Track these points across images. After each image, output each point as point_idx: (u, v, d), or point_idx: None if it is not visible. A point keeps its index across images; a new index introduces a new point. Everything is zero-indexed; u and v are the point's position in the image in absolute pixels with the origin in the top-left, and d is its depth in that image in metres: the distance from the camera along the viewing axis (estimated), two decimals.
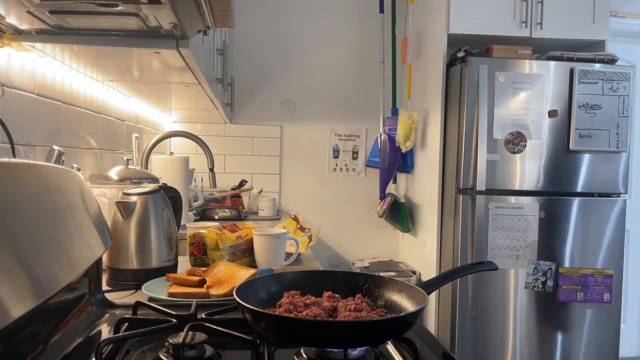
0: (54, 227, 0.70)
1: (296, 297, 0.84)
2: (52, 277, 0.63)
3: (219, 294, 1.10)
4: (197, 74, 1.52)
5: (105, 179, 1.63)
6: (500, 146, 2.52)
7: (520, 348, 2.57)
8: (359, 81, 3.41)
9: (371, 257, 3.42)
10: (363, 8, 3.36)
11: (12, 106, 1.21)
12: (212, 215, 2.56)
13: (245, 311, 0.74)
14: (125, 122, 2.32)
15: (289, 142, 3.42)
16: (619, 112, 2.52)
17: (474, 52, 2.61)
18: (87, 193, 0.93)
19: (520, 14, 2.63)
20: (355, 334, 0.71)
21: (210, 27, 1.09)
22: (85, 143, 1.75)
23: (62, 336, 0.81)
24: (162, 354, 0.76)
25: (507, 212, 2.52)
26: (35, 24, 1.06)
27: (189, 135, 2.47)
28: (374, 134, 3.38)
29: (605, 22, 2.68)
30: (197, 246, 1.40)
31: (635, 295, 3.33)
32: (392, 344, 0.86)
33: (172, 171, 2.27)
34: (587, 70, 2.52)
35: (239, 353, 0.84)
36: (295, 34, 3.35)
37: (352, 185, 3.47)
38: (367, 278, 0.92)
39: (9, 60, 1.19)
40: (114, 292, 1.17)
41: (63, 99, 1.53)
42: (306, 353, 0.77)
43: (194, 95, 2.23)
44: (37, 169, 0.74)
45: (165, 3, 0.89)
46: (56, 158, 1.24)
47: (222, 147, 3.34)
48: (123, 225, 1.24)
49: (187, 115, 3.28)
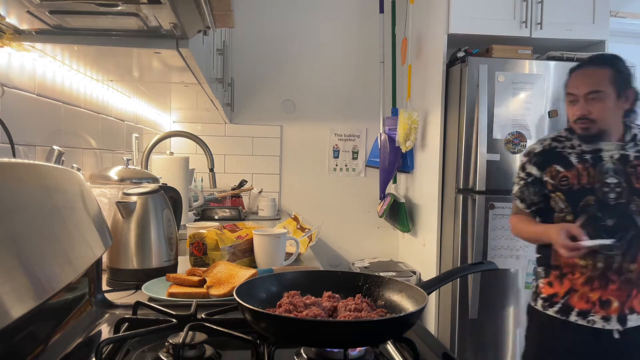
0: (54, 227, 0.70)
1: (296, 297, 0.84)
2: (52, 277, 0.63)
3: (219, 294, 1.10)
4: (197, 74, 1.52)
5: (105, 179, 1.63)
6: (500, 146, 2.52)
7: (520, 348, 2.57)
8: (359, 81, 3.41)
9: (371, 257, 3.42)
10: (363, 8, 3.36)
11: (12, 106, 1.21)
12: (212, 215, 2.56)
13: (245, 311, 0.74)
14: (125, 122, 2.32)
15: (289, 142, 3.42)
16: None
17: (474, 52, 2.61)
18: (87, 193, 0.93)
19: (520, 14, 2.63)
20: (355, 334, 0.71)
21: (210, 27, 1.09)
22: (85, 143, 1.75)
23: (62, 336, 0.81)
24: (162, 354, 0.76)
25: (507, 212, 2.52)
26: (35, 24, 1.06)
27: (189, 135, 2.47)
28: (374, 134, 3.38)
29: (605, 22, 2.68)
30: (197, 246, 1.40)
31: None
32: (392, 344, 0.86)
33: (172, 171, 2.27)
34: None
35: (239, 353, 0.84)
36: (295, 34, 3.35)
37: (352, 185, 3.47)
38: (367, 278, 0.92)
39: (9, 60, 1.19)
40: (114, 292, 1.17)
41: (63, 99, 1.53)
42: (306, 353, 0.77)
43: (194, 95, 2.23)
44: (37, 169, 0.74)
45: (165, 3, 0.89)
46: (56, 158, 1.24)
47: (222, 147, 3.34)
48: (123, 225, 1.24)
49: (187, 115, 3.28)
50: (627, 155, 1.60)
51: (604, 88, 1.57)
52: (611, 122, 1.60)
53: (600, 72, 1.59)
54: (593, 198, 1.59)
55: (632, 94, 1.62)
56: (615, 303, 1.58)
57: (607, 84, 1.57)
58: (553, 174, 1.66)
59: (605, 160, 1.60)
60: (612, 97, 1.58)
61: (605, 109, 1.57)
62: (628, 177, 1.57)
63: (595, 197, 1.58)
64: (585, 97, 1.58)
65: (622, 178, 1.57)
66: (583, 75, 1.62)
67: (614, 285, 1.58)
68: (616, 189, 1.57)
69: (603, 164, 1.60)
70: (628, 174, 1.58)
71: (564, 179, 1.64)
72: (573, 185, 1.62)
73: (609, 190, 1.58)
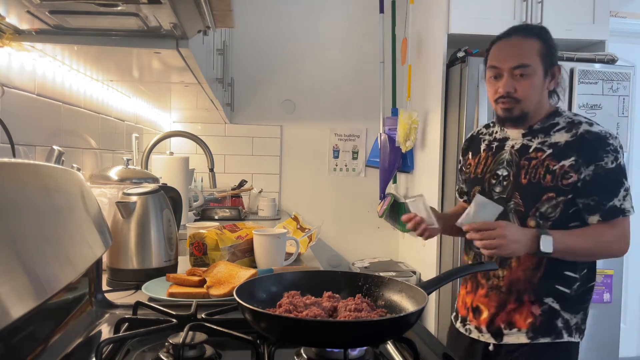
0: (54, 227, 0.70)
1: (296, 297, 0.84)
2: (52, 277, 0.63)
3: (219, 294, 1.10)
4: (197, 74, 1.52)
5: (105, 179, 1.63)
6: None
7: None
8: (359, 81, 3.41)
9: (371, 257, 3.42)
10: (363, 8, 3.36)
11: (12, 106, 1.21)
12: (212, 215, 2.56)
13: (246, 311, 0.74)
14: (125, 122, 2.32)
15: (289, 142, 3.42)
16: (619, 112, 2.52)
17: (474, 52, 2.61)
18: (87, 193, 0.93)
19: (520, 14, 2.62)
20: (355, 334, 0.71)
21: (210, 27, 1.09)
22: (85, 143, 1.75)
23: (62, 336, 0.81)
24: (162, 354, 0.76)
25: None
26: (35, 24, 1.06)
27: (189, 135, 2.47)
28: (374, 134, 3.37)
29: (605, 22, 2.68)
30: (197, 246, 1.40)
31: (635, 295, 3.32)
32: (392, 344, 0.86)
33: (172, 171, 2.27)
34: (587, 70, 2.52)
35: (239, 353, 0.84)
36: (295, 34, 3.34)
37: (352, 185, 3.46)
38: (367, 278, 0.92)
39: (9, 60, 1.19)
40: (114, 292, 1.17)
41: (63, 99, 1.53)
42: (306, 353, 0.77)
43: (194, 95, 2.23)
44: (37, 169, 0.74)
45: (165, 3, 0.89)
46: (56, 158, 1.24)
47: (222, 147, 3.34)
48: (123, 225, 1.24)
49: (187, 115, 3.28)
50: (528, 147, 1.39)
51: (532, 62, 1.35)
52: (535, 103, 1.38)
53: (528, 42, 1.37)
54: (479, 189, 1.45)
55: (558, 71, 1.41)
56: (485, 312, 1.41)
57: (535, 57, 1.35)
58: (467, 161, 1.55)
59: (505, 149, 1.43)
60: (540, 73, 1.36)
61: (532, 87, 1.35)
62: (518, 171, 1.38)
63: (482, 189, 1.44)
64: (511, 71, 1.35)
65: (512, 171, 1.39)
66: (509, 47, 1.38)
67: (482, 290, 1.43)
68: (503, 182, 1.40)
69: (502, 153, 1.43)
70: (520, 166, 1.38)
71: (468, 167, 1.54)
72: (471, 174, 1.51)
73: (496, 182, 1.42)
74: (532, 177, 1.35)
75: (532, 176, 1.35)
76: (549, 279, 1.36)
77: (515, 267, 1.38)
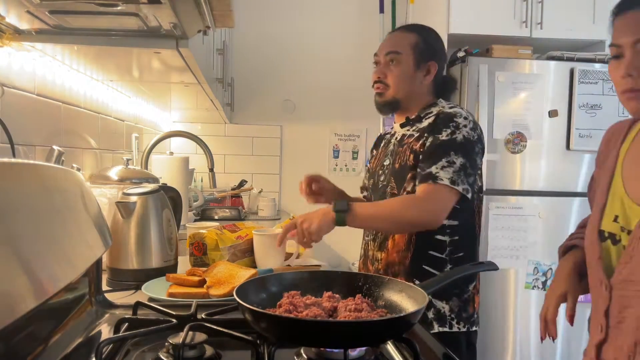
0: (54, 227, 0.70)
1: (296, 297, 0.84)
2: (52, 277, 0.63)
3: (219, 294, 1.10)
4: (197, 74, 1.52)
5: (105, 179, 1.63)
6: (500, 146, 2.52)
7: (520, 348, 2.57)
8: (359, 81, 3.40)
9: None
10: (363, 8, 3.36)
11: (12, 106, 1.21)
12: (212, 215, 2.56)
13: (246, 311, 0.74)
14: (125, 122, 2.32)
15: (289, 142, 3.41)
16: (619, 112, 2.52)
17: (474, 52, 2.61)
18: (87, 193, 0.93)
19: (521, 13, 2.62)
20: (355, 334, 0.71)
21: (210, 27, 1.09)
22: (85, 143, 1.75)
23: (62, 336, 0.81)
24: (162, 354, 0.76)
25: (507, 212, 2.52)
26: (35, 24, 1.06)
27: (189, 135, 2.47)
28: (374, 134, 3.37)
29: (605, 22, 2.67)
30: (197, 246, 1.40)
31: None
32: (392, 344, 0.86)
33: (172, 171, 2.27)
34: (587, 70, 2.52)
35: (239, 353, 0.84)
36: (295, 33, 3.34)
37: (352, 185, 3.44)
38: (367, 278, 0.92)
39: (9, 60, 1.19)
40: (114, 292, 1.17)
41: (63, 99, 1.53)
42: (306, 353, 0.77)
43: (194, 95, 2.23)
44: (37, 169, 0.74)
45: (165, 3, 0.89)
46: (56, 158, 1.24)
47: (222, 147, 3.34)
48: (123, 225, 1.24)
49: (187, 115, 3.28)
50: (405, 136, 1.45)
51: (403, 50, 1.42)
52: (407, 93, 1.43)
53: (404, 35, 1.46)
54: (372, 182, 1.53)
55: (434, 68, 1.44)
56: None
57: (407, 48, 1.42)
58: (372, 158, 1.63)
59: (391, 142, 1.50)
60: (410, 64, 1.41)
61: (401, 75, 1.41)
62: (394, 158, 1.44)
63: (373, 181, 1.53)
64: (385, 57, 1.44)
65: (391, 159, 1.46)
66: (388, 38, 1.50)
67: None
68: (385, 170, 1.47)
69: (389, 146, 1.51)
70: (396, 154, 1.44)
71: (372, 163, 1.60)
72: (371, 169, 1.58)
73: (382, 172, 1.49)
74: (402, 160, 1.41)
75: (402, 160, 1.41)
76: (418, 259, 1.36)
77: (390, 249, 1.40)
